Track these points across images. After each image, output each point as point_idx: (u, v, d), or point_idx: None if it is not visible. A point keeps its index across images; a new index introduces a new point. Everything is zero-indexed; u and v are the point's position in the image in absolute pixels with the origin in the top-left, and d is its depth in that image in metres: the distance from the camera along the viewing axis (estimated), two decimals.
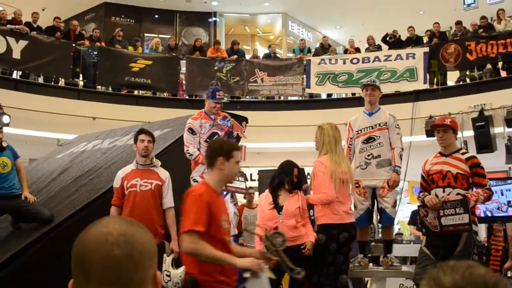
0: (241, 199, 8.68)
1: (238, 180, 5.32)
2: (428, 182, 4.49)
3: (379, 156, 5.21)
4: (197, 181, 5.30)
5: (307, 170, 14.08)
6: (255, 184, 10.76)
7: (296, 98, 13.70)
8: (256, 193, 8.97)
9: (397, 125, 5.30)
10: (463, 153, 4.46)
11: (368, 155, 5.25)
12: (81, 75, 12.67)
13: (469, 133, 11.08)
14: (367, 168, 5.25)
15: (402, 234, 14.09)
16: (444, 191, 4.29)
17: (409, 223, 10.65)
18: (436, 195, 4.31)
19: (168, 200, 4.88)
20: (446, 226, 4.17)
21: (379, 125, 5.28)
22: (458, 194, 4.25)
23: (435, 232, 4.27)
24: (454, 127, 4.52)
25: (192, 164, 5.57)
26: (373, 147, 5.25)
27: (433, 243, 4.34)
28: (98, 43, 12.78)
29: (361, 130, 5.35)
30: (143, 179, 4.80)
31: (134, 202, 4.71)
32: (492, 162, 11.59)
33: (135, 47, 13.42)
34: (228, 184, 5.07)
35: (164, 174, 4.93)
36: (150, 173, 4.87)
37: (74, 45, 12.41)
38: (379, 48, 13.56)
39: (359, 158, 5.32)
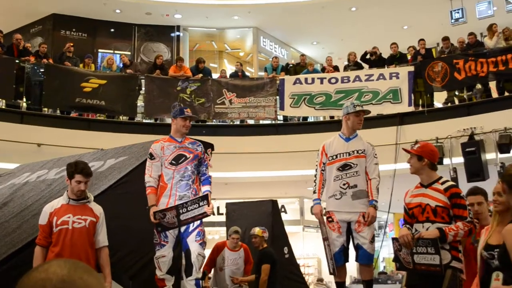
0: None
1: (198, 205, 5.16)
2: (410, 215, 4.52)
3: (356, 186, 5.27)
4: None
5: (281, 202, 14.21)
6: (222, 218, 10.71)
7: (268, 121, 13.77)
8: (223, 229, 8.82)
9: (375, 154, 5.38)
10: (442, 183, 4.44)
11: (344, 184, 5.29)
12: (24, 95, 12.56)
13: (458, 159, 11.27)
14: (342, 199, 5.29)
15: (386, 273, 14.17)
16: (423, 226, 4.33)
17: (394, 260, 10.72)
18: (416, 231, 4.36)
19: (102, 238, 4.86)
20: (419, 264, 4.26)
21: (357, 152, 5.35)
22: (437, 228, 4.31)
23: (408, 268, 4.37)
24: (421, 154, 4.47)
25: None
26: (349, 176, 5.30)
27: (413, 282, 4.39)
28: (45, 60, 12.70)
29: (336, 156, 5.40)
30: (76, 215, 4.74)
31: (65, 241, 4.65)
32: None
33: (85, 65, 13.38)
34: (185, 217, 5.08)
35: (98, 210, 4.90)
36: (84, 209, 4.82)
37: (17, 61, 12.33)
38: (358, 66, 13.77)
39: (333, 187, 5.36)
